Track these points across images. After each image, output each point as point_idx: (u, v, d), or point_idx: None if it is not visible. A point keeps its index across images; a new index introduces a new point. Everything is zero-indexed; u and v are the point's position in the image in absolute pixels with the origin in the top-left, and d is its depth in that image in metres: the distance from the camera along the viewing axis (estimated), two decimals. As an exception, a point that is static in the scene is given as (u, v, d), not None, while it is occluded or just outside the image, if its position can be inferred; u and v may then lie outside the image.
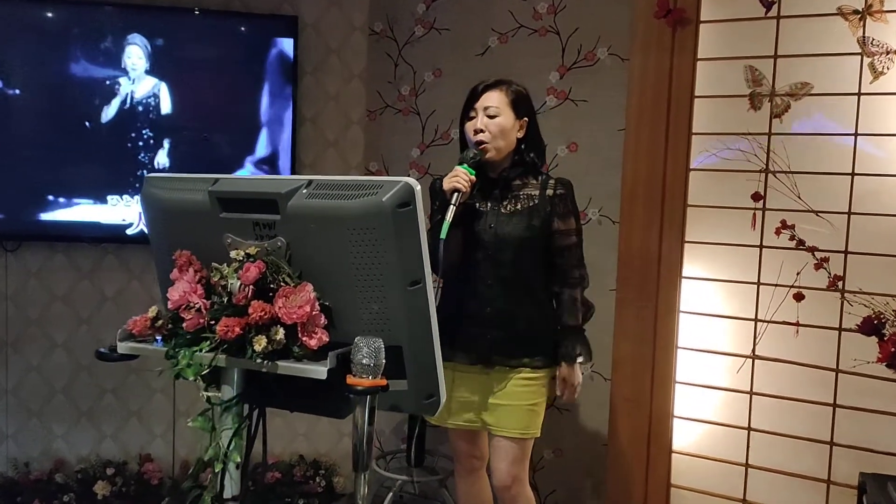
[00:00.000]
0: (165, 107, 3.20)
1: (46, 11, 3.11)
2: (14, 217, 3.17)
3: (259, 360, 1.31)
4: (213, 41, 3.25)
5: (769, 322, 2.65)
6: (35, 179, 3.16)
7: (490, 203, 2.25)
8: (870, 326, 2.37)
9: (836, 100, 2.53)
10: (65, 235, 3.22)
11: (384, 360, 1.29)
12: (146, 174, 1.58)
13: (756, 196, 2.65)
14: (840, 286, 2.53)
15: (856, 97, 2.50)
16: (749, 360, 2.70)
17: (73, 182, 3.19)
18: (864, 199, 2.50)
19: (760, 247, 2.66)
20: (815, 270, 2.57)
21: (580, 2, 3.03)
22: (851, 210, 2.51)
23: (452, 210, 2.09)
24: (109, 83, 3.15)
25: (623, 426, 2.89)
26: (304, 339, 1.32)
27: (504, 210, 2.24)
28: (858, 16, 2.47)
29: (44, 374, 3.33)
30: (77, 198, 3.18)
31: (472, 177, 2.15)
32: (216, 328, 1.31)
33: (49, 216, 3.17)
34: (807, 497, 2.60)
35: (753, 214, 2.66)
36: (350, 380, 1.29)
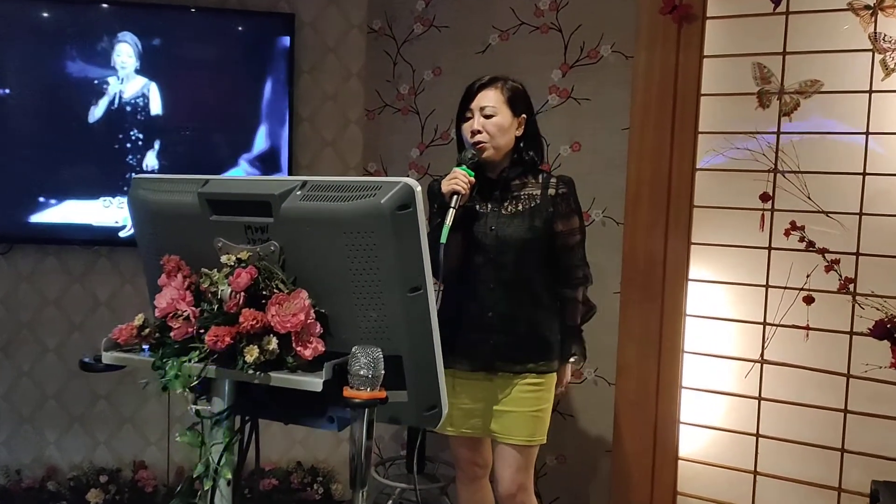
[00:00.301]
0: (159, 106, 3.15)
1: (37, 9, 3.05)
2: (4, 219, 3.12)
3: (251, 372, 1.25)
4: (209, 39, 3.20)
5: (778, 326, 2.61)
6: (25, 180, 3.11)
7: (490, 204, 2.20)
8: (882, 330, 2.35)
9: (847, 97, 2.48)
10: (56, 238, 3.17)
11: (383, 371, 1.23)
12: (134, 175, 1.51)
13: (764, 196, 2.61)
14: (851, 289, 2.49)
15: (867, 94, 2.45)
16: (757, 365, 2.66)
17: (65, 183, 3.14)
18: (876, 200, 2.46)
19: (769, 248, 2.63)
20: (826, 273, 2.53)
21: (583, -2, 2.99)
22: (863, 211, 2.48)
23: (452, 213, 2.04)
24: (100, 82, 3.10)
25: (628, 432, 2.85)
26: (299, 349, 1.26)
27: (505, 211, 2.19)
28: (870, 11, 2.42)
29: (35, 380, 3.29)
30: (68, 199, 3.13)
31: (472, 178, 2.10)
32: (205, 337, 1.24)
33: (40, 218, 3.12)
34: (817, 505, 2.57)
35: (762, 215, 2.62)
36: (347, 392, 1.23)
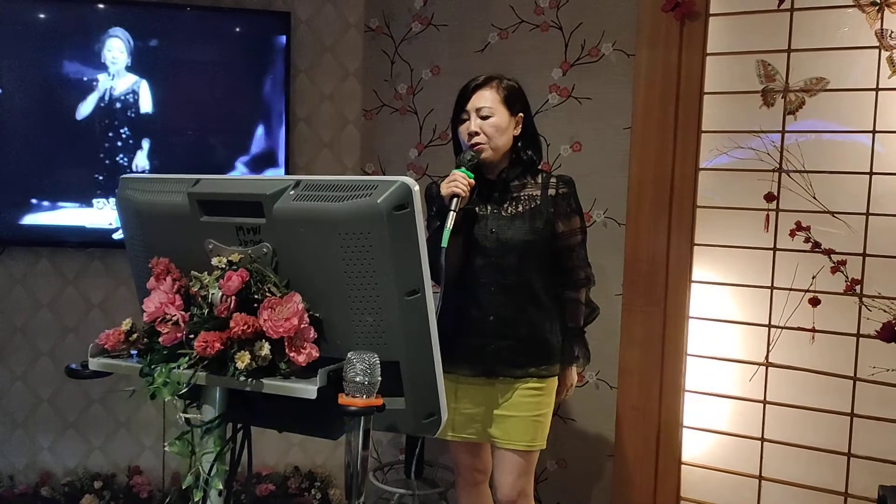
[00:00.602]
0: (152, 106, 3.10)
1: (27, 5, 3.00)
2: (-5, 221, 3.07)
3: (242, 379, 1.21)
4: (203, 37, 3.16)
5: (783, 328, 2.59)
6: (16, 181, 3.06)
7: (490, 206, 2.17)
8: (889, 332, 2.36)
9: (853, 95, 2.45)
10: (49, 240, 3.12)
11: (380, 378, 1.19)
12: (122, 175, 1.47)
13: (769, 196, 2.58)
14: (858, 290, 2.46)
15: (873, 92, 2.42)
16: (762, 368, 2.63)
17: (57, 184, 3.09)
18: (883, 200, 2.44)
19: (774, 249, 2.60)
20: (832, 274, 2.50)
21: (583, -4, 2.96)
22: (869, 211, 2.45)
23: (452, 216, 2.00)
24: (93, 80, 3.05)
25: (630, 436, 2.82)
26: (292, 355, 1.22)
27: (505, 213, 2.15)
28: (876, 7, 2.39)
29: (29, 384, 3.24)
30: (61, 201, 3.09)
31: (471, 180, 2.06)
32: (195, 343, 1.19)
33: (32, 220, 3.07)
34: (823, 511, 2.54)
35: (766, 216, 2.59)
36: (342, 399, 1.18)
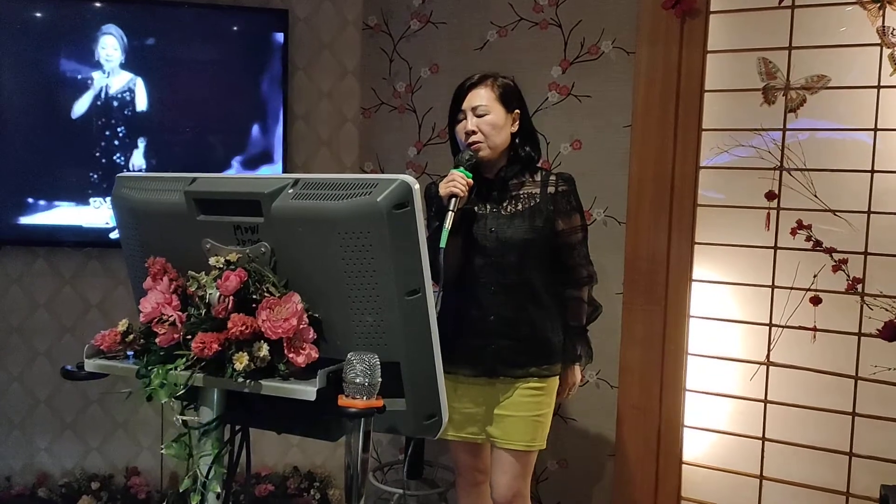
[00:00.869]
0: (148, 104, 3.08)
1: (20, 2, 2.98)
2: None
3: (240, 380, 1.19)
4: (201, 35, 3.14)
5: (784, 327, 2.57)
6: (12, 180, 3.04)
7: (489, 205, 2.15)
8: (891, 331, 2.35)
9: (854, 93, 2.44)
10: (45, 240, 3.10)
11: (380, 379, 1.17)
12: (118, 174, 1.45)
13: (770, 195, 2.57)
14: (859, 289, 2.45)
15: (875, 90, 2.41)
16: (763, 367, 2.62)
17: (54, 183, 3.07)
18: (884, 198, 2.43)
19: (775, 248, 2.59)
20: (833, 272, 2.49)
21: (583, -7, 2.94)
22: (871, 209, 2.44)
23: (451, 216, 1.99)
24: (88, 78, 3.03)
25: (631, 436, 2.81)
26: (291, 356, 1.20)
27: (504, 212, 2.14)
28: (878, 4, 2.37)
29: (26, 385, 3.23)
30: (57, 200, 3.07)
31: (469, 180, 2.05)
32: (192, 344, 1.18)
33: (28, 219, 3.05)
34: (825, 510, 2.53)
35: (767, 214, 2.57)
36: (342, 401, 1.17)
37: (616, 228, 2.88)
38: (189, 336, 1.21)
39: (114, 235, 3.09)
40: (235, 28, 3.16)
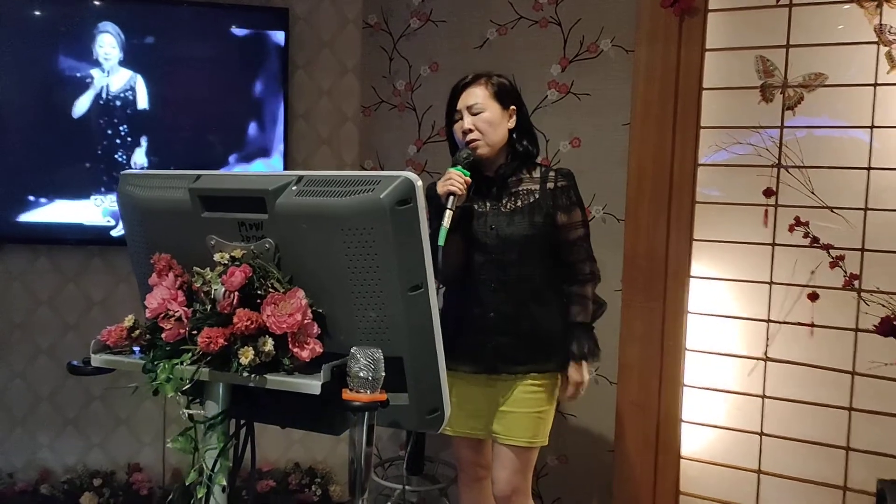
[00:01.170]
0: (148, 102, 3.09)
1: (19, 1, 2.99)
2: (-6, 218, 3.06)
3: (246, 374, 1.20)
4: (201, 33, 3.14)
5: (782, 323, 2.58)
6: (14, 179, 3.05)
7: (489, 203, 2.16)
8: (888, 327, 2.33)
9: (852, 91, 2.45)
10: (48, 237, 3.11)
11: (383, 373, 1.19)
12: (123, 172, 1.46)
13: (768, 192, 2.58)
14: (856, 285, 2.46)
15: (872, 88, 2.42)
16: (761, 363, 2.63)
17: (55, 181, 3.08)
18: (881, 195, 2.43)
19: (773, 245, 2.60)
20: (831, 269, 2.49)
21: (582, -9, 2.95)
22: (868, 206, 2.45)
23: (450, 215, 1.99)
24: (88, 77, 3.04)
25: (630, 431, 2.82)
26: (296, 351, 1.22)
27: (504, 209, 2.14)
28: (875, 2, 2.38)
29: (28, 381, 3.24)
30: (59, 198, 3.08)
31: (467, 178, 2.06)
32: (198, 339, 1.19)
33: (30, 217, 3.07)
34: (822, 504, 2.54)
35: (765, 211, 2.58)
36: (346, 395, 1.19)
37: (615, 226, 2.89)
38: (195, 331, 1.23)
39: (115, 233, 3.11)
40: (236, 26, 3.17)
